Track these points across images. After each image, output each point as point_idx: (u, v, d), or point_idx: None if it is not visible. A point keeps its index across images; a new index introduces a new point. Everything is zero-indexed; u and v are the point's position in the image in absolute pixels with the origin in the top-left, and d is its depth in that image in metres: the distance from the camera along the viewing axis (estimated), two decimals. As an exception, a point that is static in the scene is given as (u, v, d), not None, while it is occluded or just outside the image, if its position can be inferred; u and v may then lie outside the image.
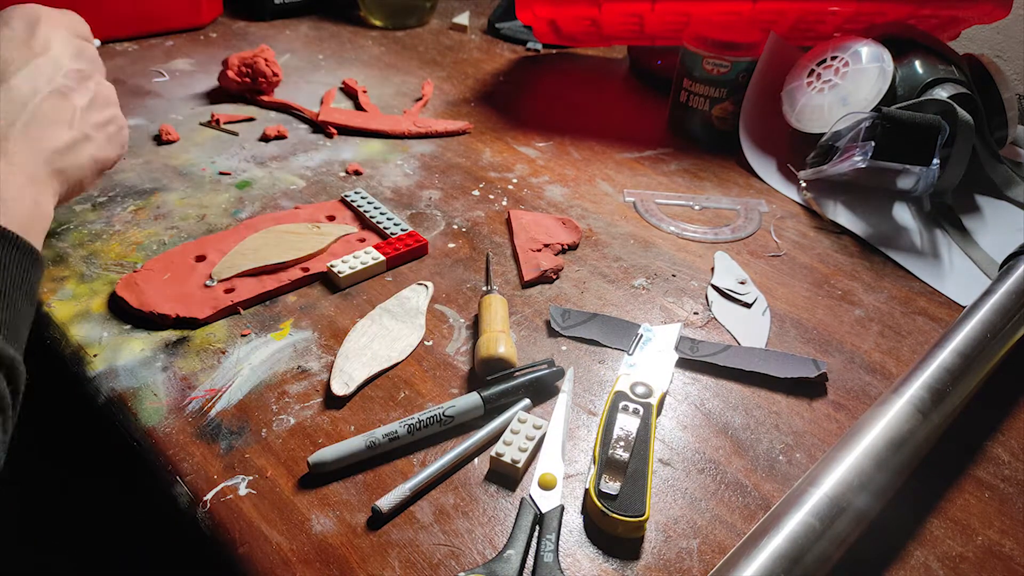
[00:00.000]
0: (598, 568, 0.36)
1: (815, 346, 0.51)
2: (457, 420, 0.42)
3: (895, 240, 0.64)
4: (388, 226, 0.59)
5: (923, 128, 0.61)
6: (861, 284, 0.58)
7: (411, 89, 0.88)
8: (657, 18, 0.80)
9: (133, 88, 0.81)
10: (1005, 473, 0.43)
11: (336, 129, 0.75)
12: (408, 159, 0.72)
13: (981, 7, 0.71)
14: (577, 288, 0.55)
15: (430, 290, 0.53)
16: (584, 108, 0.87)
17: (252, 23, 1.04)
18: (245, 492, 0.38)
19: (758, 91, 0.75)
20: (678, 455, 0.42)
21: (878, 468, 0.36)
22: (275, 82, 0.80)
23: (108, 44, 0.91)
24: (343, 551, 0.35)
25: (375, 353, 0.47)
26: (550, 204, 0.66)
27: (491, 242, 0.60)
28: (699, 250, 0.61)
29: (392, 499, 0.37)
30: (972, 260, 0.62)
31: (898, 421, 0.38)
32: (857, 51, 0.69)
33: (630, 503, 0.37)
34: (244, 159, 0.69)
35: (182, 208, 0.61)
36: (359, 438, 0.40)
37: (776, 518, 0.34)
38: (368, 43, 1.02)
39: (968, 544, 0.38)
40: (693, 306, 0.54)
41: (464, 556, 0.35)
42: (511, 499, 0.39)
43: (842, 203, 0.69)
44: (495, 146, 0.76)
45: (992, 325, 0.45)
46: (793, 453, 0.43)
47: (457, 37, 1.08)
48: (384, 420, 0.42)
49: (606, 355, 0.49)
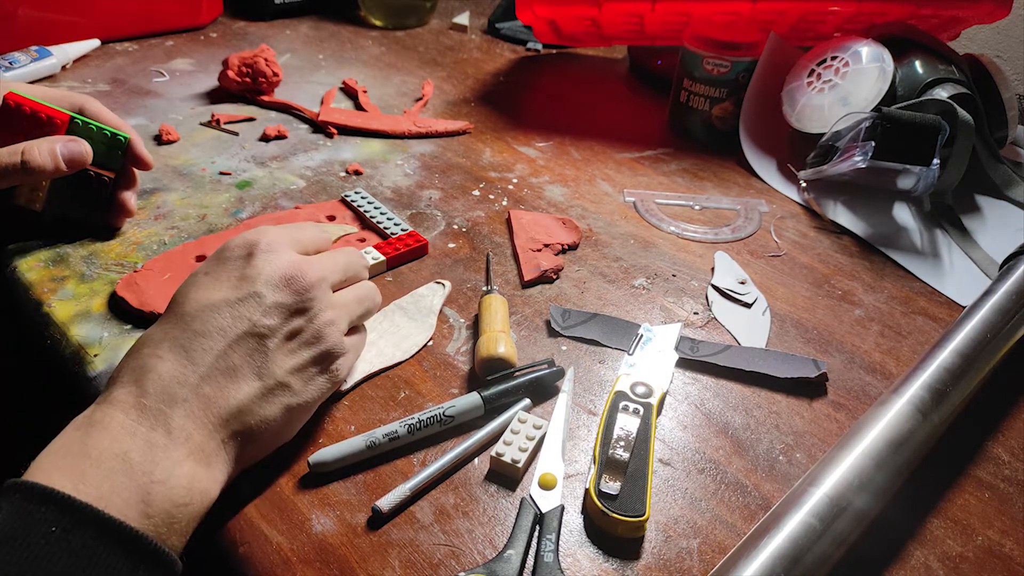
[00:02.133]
0: (598, 568, 0.36)
1: (815, 346, 0.51)
2: (457, 420, 0.42)
3: (895, 240, 0.64)
4: (388, 226, 0.59)
5: (923, 128, 0.61)
6: (861, 284, 0.58)
7: (411, 89, 0.88)
8: (657, 18, 0.80)
9: (133, 88, 0.81)
10: (1005, 473, 0.43)
11: (336, 129, 0.75)
12: (408, 159, 0.72)
13: (981, 7, 0.71)
14: (577, 288, 0.55)
15: (447, 289, 0.53)
16: (584, 108, 0.87)
17: (252, 23, 1.04)
18: (245, 492, 0.38)
19: (758, 91, 0.75)
20: (678, 455, 0.42)
21: (878, 468, 0.36)
22: (275, 82, 0.80)
23: (108, 44, 0.91)
24: (343, 551, 0.35)
25: (380, 350, 0.47)
26: (550, 204, 0.66)
27: (491, 242, 0.60)
28: (699, 250, 0.61)
29: (392, 499, 0.37)
30: (972, 260, 0.62)
31: (898, 421, 0.38)
32: (857, 51, 0.69)
33: (630, 503, 0.37)
34: (244, 159, 0.69)
35: (182, 208, 0.61)
36: (359, 438, 0.40)
37: (776, 518, 0.34)
38: (368, 43, 1.02)
39: (968, 544, 0.38)
40: (693, 306, 0.54)
41: (464, 556, 0.35)
42: (511, 499, 0.39)
43: (842, 203, 0.69)
44: (495, 146, 0.76)
45: (992, 325, 0.45)
46: (793, 453, 0.43)
47: (457, 37, 1.08)
48: (384, 420, 0.43)
49: (606, 355, 0.49)
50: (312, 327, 0.38)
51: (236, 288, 0.37)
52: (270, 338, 0.36)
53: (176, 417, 0.33)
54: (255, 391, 0.35)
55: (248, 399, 0.35)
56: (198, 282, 0.38)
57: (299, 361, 0.38)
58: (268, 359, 0.36)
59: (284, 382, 0.37)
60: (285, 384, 0.37)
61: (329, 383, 0.39)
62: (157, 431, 0.32)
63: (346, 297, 0.42)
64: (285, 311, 0.37)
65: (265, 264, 0.38)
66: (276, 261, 0.38)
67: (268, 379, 0.36)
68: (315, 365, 0.38)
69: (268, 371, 0.36)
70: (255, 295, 0.37)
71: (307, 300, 0.38)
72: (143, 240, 0.56)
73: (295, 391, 0.37)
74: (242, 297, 0.37)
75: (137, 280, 0.50)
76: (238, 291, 0.37)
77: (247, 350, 0.36)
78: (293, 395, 0.37)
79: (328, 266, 0.41)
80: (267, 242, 0.39)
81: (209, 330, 0.35)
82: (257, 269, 0.38)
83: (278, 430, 0.37)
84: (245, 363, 0.36)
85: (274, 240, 0.39)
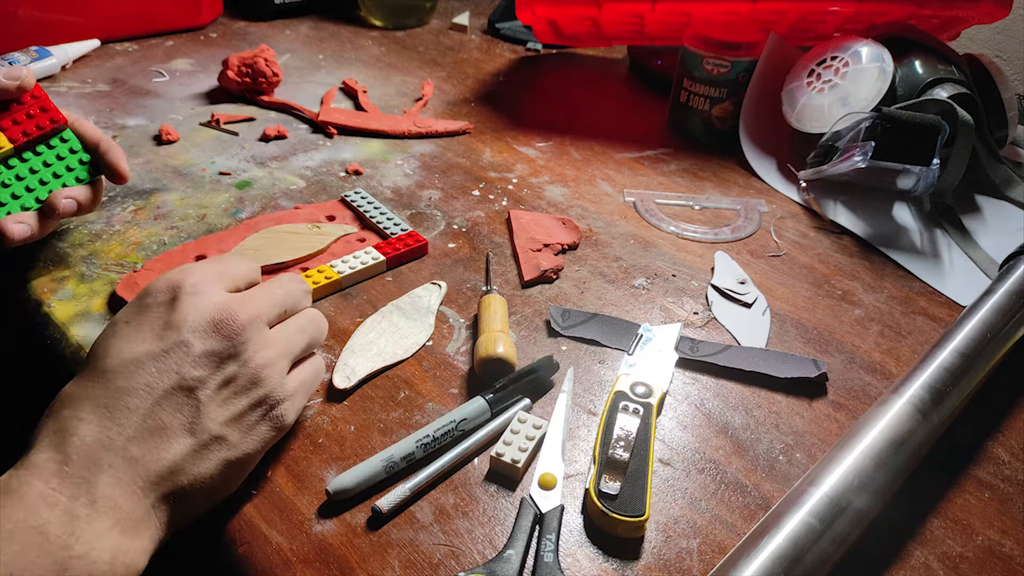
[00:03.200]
0: (598, 568, 0.36)
1: (815, 346, 0.51)
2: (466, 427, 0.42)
3: (895, 240, 0.64)
4: (388, 226, 0.59)
5: (923, 128, 0.61)
6: (861, 284, 0.58)
7: (411, 89, 0.88)
8: (657, 18, 0.80)
9: (133, 88, 0.81)
10: (1005, 473, 0.43)
11: (336, 129, 0.75)
12: (408, 159, 0.72)
13: (981, 7, 0.71)
14: (577, 288, 0.55)
15: (443, 290, 0.53)
16: (584, 108, 0.87)
17: (252, 23, 1.04)
18: (244, 492, 0.38)
19: (758, 91, 0.75)
20: (678, 455, 0.42)
21: (878, 468, 0.36)
22: (275, 82, 0.80)
23: (108, 44, 0.91)
24: (343, 551, 0.35)
25: (381, 349, 0.47)
26: (550, 204, 0.66)
27: (491, 242, 0.60)
28: (699, 250, 0.61)
29: (392, 499, 0.37)
30: (972, 260, 0.62)
31: (898, 421, 0.38)
32: (857, 51, 0.69)
33: (630, 503, 0.37)
34: (244, 159, 0.69)
35: (182, 208, 0.61)
36: (376, 460, 0.38)
37: (776, 518, 0.34)
38: (368, 43, 1.02)
39: (968, 544, 0.38)
40: (693, 306, 0.54)
41: (464, 556, 0.35)
42: (511, 499, 0.39)
43: (842, 203, 0.69)
44: (495, 146, 0.76)
45: (992, 325, 0.45)
46: (793, 453, 0.43)
47: (457, 37, 1.08)
48: (384, 420, 0.42)
49: (606, 355, 0.49)
50: (247, 371, 0.35)
51: (161, 338, 0.34)
52: (201, 390, 0.34)
53: (101, 485, 0.30)
54: (187, 448, 0.33)
55: (180, 458, 0.32)
56: (119, 332, 0.35)
57: (235, 410, 0.35)
58: (200, 413, 0.33)
59: (220, 435, 0.34)
60: (221, 437, 0.34)
61: (273, 430, 0.36)
62: (79, 500, 0.30)
63: (285, 331, 0.38)
64: (216, 359, 0.34)
65: (191, 309, 0.35)
66: (203, 304, 0.35)
67: (202, 434, 0.33)
68: (254, 411, 0.35)
69: (201, 426, 0.33)
70: (182, 344, 0.34)
71: (240, 344, 0.35)
72: (143, 240, 0.56)
73: (233, 444, 0.34)
74: (168, 348, 0.34)
75: (137, 280, 0.50)
76: (163, 341, 0.34)
77: (176, 405, 0.33)
78: (231, 448, 0.34)
79: (263, 302, 0.38)
80: (192, 283, 0.36)
81: (134, 387, 0.33)
82: (182, 315, 0.35)
83: (215, 487, 0.34)
84: (175, 420, 0.33)
85: (199, 280, 0.36)
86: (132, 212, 0.59)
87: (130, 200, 0.61)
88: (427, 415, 0.43)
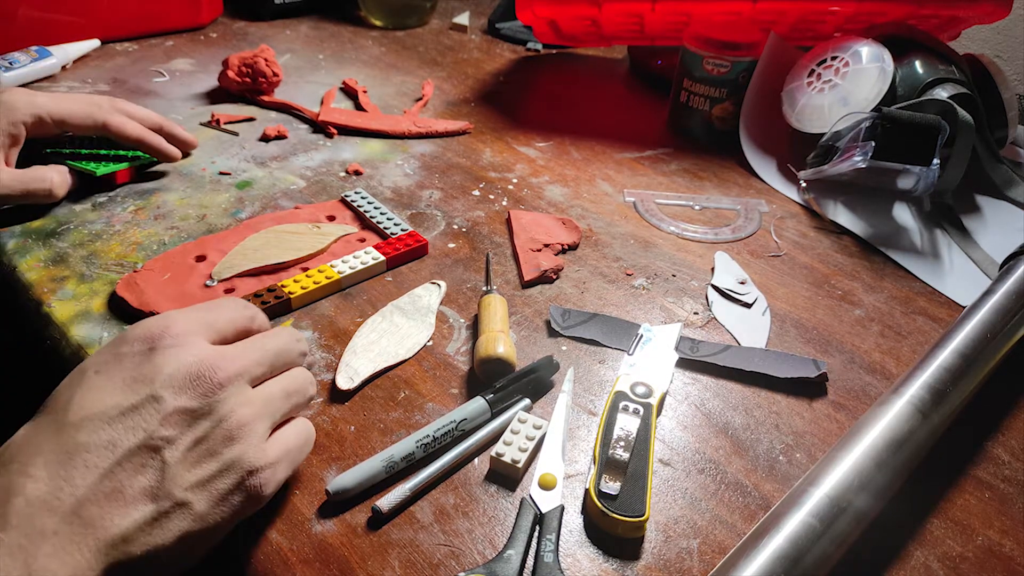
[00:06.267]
0: (598, 568, 0.36)
1: (815, 346, 0.51)
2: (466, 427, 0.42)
3: (895, 240, 0.64)
4: (388, 226, 0.59)
5: (923, 128, 0.61)
6: (861, 284, 0.58)
7: (411, 89, 0.88)
8: (657, 18, 0.80)
9: (133, 88, 0.81)
10: (1005, 473, 0.43)
11: (336, 129, 0.75)
12: (408, 159, 0.72)
13: (981, 7, 0.72)
14: (577, 288, 0.55)
15: (443, 289, 0.53)
16: (584, 108, 0.87)
17: (252, 23, 1.04)
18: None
19: (758, 91, 0.75)
20: (678, 455, 0.42)
21: (878, 468, 0.36)
22: (275, 82, 0.80)
23: (108, 44, 0.91)
24: (343, 551, 0.35)
25: (382, 349, 0.47)
26: (550, 204, 0.66)
27: (491, 242, 0.60)
28: (699, 250, 0.61)
29: (392, 499, 0.37)
30: (972, 260, 0.62)
31: (898, 421, 0.38)
32: (857, 51, 0.69)
33: (630, 503, 0.37)
34: (244, 159, 0.69)
35: (182, 208, 0.61)
36: (377, 460, 0.38)
37: (776, 518, 0.34)
38: (368, 43, 1.02)
39: (968, 544, 0.38)
40: (693, 306, 0.54)
41: (464, 556, 0.35)
42: (511, 499, 0.39)
43: (842, 203, 0.69)
44: (495, 146, 0.76)
45: (992, 325, 0.45)
46: (793, 453, 0.43)
47: (457, 37, 1.08)
48: (384, 420, 0.42)
49: (606, 355, 0.49)
50: (220, 431, 0.32)
51: (131, 391, 0.31)
52: (168, 450, 0.30)
53: (40, 556, 0.27)
54: (146, 516, 0.29)
55: (136, 525, 0.29)
56: (87, 382, 0.31)
57: (204, 474, 0.31)
58: (164, 476, 0.30)
59: (183, 501, 0.30)
60: (184, 504, 0.30)
61: (247, 502, 0.32)
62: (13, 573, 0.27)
63: (269, 391, 0.35)
64: (189, 416, 0.31)
65: (167, 361, 0.32)
66: (181, 357, 0.32)
67: (163, 500, 0.30)
68: (226, 477, 0.32)
69: (164, 490, 0.30)
70: (153, 399, 0.31)
71: (216, 402, 0.32)
72: (143, 240, 0.56)
73: (198, 513, 0.30)
74: (137, 403, 0.31)
75: (137, 280, 0.50)
76: (133, 395, 0.31)
77: (138, 467, 0.30)
78: (195, 518, 0.30)
79: (250, 357, 0.34)
80: (173, 334, 0.33)
81: (95, 443, 0.29)
82: (157, 367, 0.31)
83: (173, 559, 0.30)
84: (136, 482, 0.29)
85: (181, 332, 0.33)
86: (132, 212, 0.59)
87: (130, 200, 0.61)
88: (427, 415, 0.43)
